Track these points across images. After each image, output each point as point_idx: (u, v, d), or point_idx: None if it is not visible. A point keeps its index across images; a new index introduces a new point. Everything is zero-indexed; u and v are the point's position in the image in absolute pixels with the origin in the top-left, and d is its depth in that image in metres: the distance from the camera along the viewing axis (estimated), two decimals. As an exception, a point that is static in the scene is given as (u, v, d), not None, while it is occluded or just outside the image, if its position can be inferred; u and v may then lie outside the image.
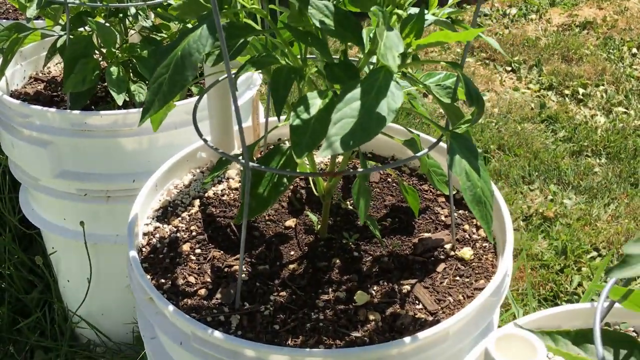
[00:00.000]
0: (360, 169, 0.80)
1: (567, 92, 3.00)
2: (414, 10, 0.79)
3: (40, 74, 1.54)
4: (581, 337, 0.63)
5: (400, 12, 0.77)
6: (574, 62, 3.28)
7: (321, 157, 0.65)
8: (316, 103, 0.75)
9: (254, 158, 1.13)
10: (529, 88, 3.07)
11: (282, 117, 1.11)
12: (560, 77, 3.10)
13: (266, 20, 0.80)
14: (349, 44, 0.80)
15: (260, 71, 1.06)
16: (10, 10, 1.98)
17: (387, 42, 0.64)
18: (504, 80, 3.15)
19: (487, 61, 3.33)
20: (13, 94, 1.44)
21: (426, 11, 0.82)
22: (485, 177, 0.73)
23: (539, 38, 3.56)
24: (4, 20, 1.75)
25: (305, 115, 0.73)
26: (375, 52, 0.76)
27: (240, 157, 0.81)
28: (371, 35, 0.80)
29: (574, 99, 2.95)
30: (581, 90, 2.99)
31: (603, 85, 3.06)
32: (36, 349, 1.59)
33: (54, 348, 1.56)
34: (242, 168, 0.96)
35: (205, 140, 0.84)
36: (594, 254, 1.98)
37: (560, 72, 3.14)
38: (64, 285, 1.54)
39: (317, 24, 0.72)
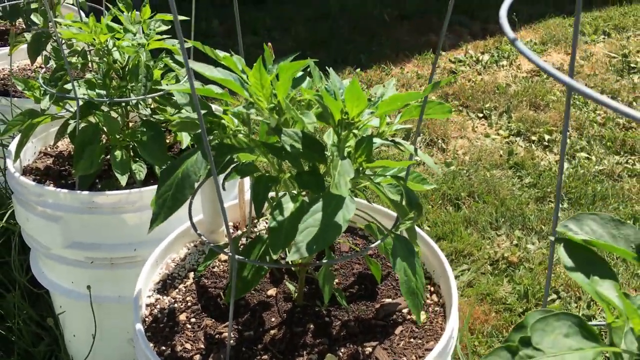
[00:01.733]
0: (325, 259, 0.98)
1: (534, 138, 3.22)
2: (375, 122, 0.99)
3: (49, 149, 1.72)
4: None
5: (356, 131, 0.96)
6: (541, 108, 3.51)
7: (290, 259, 0.83)
8: (289, 207, 0.94)
9: (243, 230, 1.31)
10: (499, 134, 3.29)
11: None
12: (527, 124, 3.32)
13: (248, 138, 0.99)
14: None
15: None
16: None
17: (341, 169, 0.83)
18: (476, 127, 3.36)
19: (460, 108, 3.56)
20: (26, 169, 1.62)
21: (377, 124, 1.01)
22: (420, 274, 0.91)
23: (509, 85, 3.79)
24: (16, 99, 1.93)
25: (280, 218, 0.92)
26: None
27: (227, 249, 0.99)
28: (333, 140, 0.99)
29: (540, 145, 3.16)
30: (547, 137, 3.21)
31: (567, 130, 3.28)
32: (43, 398, 1.74)
33: (60, 397, 1.71)
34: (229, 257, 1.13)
35: (200, 235, 1.02)
36: (554, 296, 2.17)
37: (528, 119, 3.36)
38: (70, 340, 1.70)
39: (289, 148, 0.90)
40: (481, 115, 3.48)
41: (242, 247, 1.19)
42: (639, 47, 4.32)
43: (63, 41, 1.63)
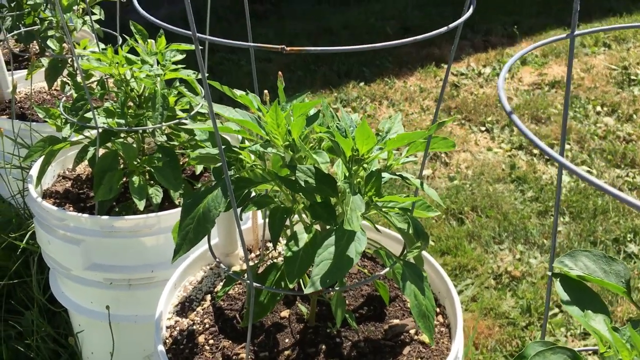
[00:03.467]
0: (337, 286, 1.04)
1: (535, 151, 3.27)
2: (383, 154, 1.05)
3: (67, 172, 1.79)
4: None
5: (366, 165, 1.02)
6: (542, 121, 3.57)
7: (306, 292, 0.89)
8: (303, 237, 1.00)
9: (256, 252, 1.37)
10: (501, 147, 3.35)
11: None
12: (529, 137, 3.38)
13: (265, 172, 1.05)
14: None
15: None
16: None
17: (353, 205, 0.89)
18: (479, 140, 3.42)
19: (463, 122, 3.62)
20: (46, 192, 1.68)
21: (385, 157, 1.07)
22: (429, 297, 0.97)
23: (511, 98, 3.86)
24: (34, 123, 2.00)
25: (295, 248, 0.98)
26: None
27: (244, 276, 1.05)
28: (343, 171, 1.06)
29: (542, 159, 3.22)
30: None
31: (569, 144, 3.34)
32: (62, 413, 1.80)
33: (78, 411, 1.77)
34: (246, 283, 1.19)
35: (219, 262, 1.08)
36: (556, 310, 2.22)
37: (530, 132, 3.42)
38: (88, 357, 1.76)
39: (302, 184, 0.97)
40: (483, 128, 3.54)
41: (258, 271, 1.25)
42: (639, 59, 4.39)
43: (78, 69, 1.70)
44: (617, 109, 3.68)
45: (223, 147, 1.06)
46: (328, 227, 0.99)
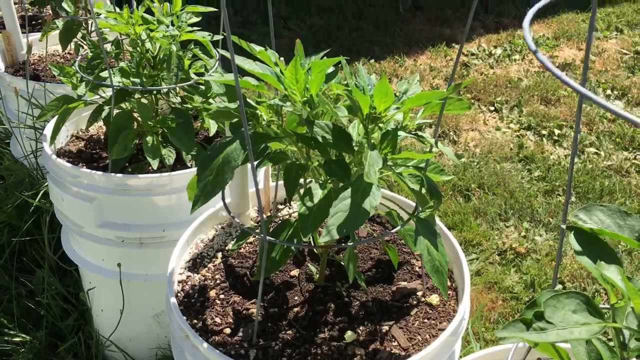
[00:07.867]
0: (350, 242, 1.06)
1: (544, 132, 3.27)
2: (398, 116, 1.06)
3: (80, 133, 1.80)
4: (504, 373, 0.88)
5: (382, 125, 1.03)
6: (551, 103, 3.56)
7: (322, 241, 0.91)
8: (317, 193, 1.01)
9: (267, 213, 1.39)
10: (509, 127, 3.35)
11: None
12: (538, 118, 3.38)
13: (280, 128, 1.06)
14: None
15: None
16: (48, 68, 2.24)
17: (370, 160, 0.90)
18: (487, 120, 3.42)
19: (472, 101, 3.61)
20: (59, 152, 1.70)
21: (401, 118, 1.08)
22: (442, 252, 0.98)
23: (521, 79, 3.84)
24: (48, 84, 2.01)
25: (309, 204, 0.99)
26: (361, 154, 1.02)
27: (258, 231, 1.06)
28: (359, 132, 1.07)
29: (550, 139, 3.22)
30: (557, 131, 3.27)
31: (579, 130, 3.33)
32: (70, 369, 1.83)
33: (87, 368, 1.80)
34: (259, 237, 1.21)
35: (233, 217, 1.10)
36: (559, 287, 2.24)
37: (539, 113, 3.42)
38: (98, 314, 1.79)
39: (320, 139, 0.98)
40: (492, 108, 3.53)
41: (270, 229, 1.26)
42: (651, 44, 4.36)
43: (93, 29, 1.70)
44: (627, 93, 3.67)
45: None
46: (342, 184, 1.00)
